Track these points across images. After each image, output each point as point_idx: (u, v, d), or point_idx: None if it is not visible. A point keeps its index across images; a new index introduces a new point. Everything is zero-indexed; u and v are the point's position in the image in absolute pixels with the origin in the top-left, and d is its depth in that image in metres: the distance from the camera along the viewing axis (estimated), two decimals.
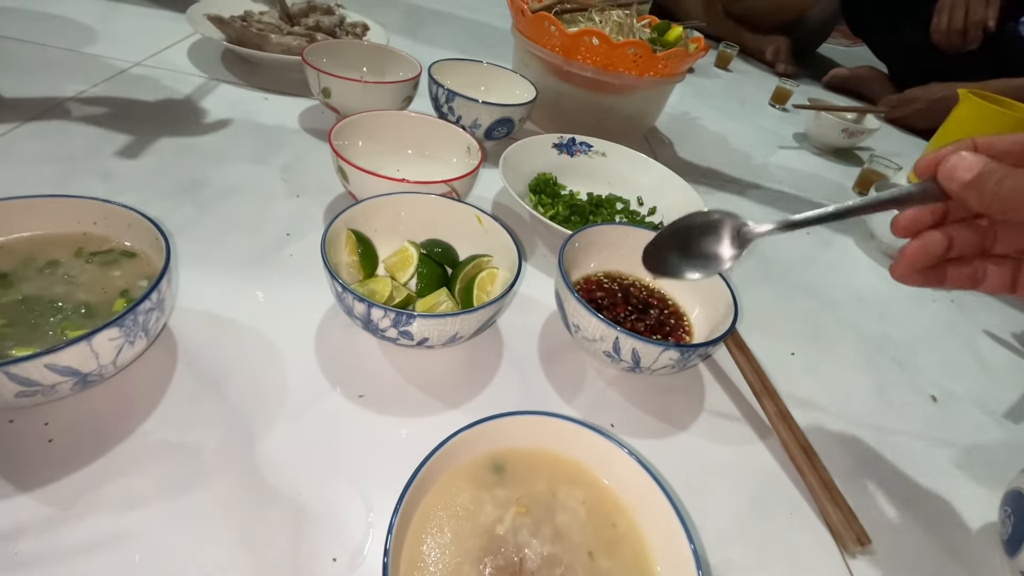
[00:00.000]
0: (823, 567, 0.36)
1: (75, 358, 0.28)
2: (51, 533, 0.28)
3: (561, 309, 0.43)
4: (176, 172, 0.54)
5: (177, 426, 0.34)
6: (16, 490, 0.29)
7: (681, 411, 0.44)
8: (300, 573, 0.29)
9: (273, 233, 0.50)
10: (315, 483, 0.33)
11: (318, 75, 0.61)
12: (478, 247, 0.46)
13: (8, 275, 0.33)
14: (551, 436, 0.31)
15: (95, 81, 0.64)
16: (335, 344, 0.41)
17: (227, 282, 0.44)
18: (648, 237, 0.35)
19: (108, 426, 0.33)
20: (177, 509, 0.30)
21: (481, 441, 0.30)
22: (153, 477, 0.31)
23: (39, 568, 0.27)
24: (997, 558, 0.39)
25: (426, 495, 0.28)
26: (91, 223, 0.37)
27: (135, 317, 0.30)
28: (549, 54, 0.72)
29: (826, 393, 0.49)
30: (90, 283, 0.35)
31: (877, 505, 0.41)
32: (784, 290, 0.62)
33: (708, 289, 0.46)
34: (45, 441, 0.31)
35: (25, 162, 0.50)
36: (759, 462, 0.42)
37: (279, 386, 0.38)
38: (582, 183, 0.66)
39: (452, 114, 0.65)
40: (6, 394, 0.27)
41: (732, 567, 0.34)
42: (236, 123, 0.64)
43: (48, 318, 0.32)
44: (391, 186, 0.46)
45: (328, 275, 0.36)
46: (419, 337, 0.36)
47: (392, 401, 0.38)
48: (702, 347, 0.38)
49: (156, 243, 0.35)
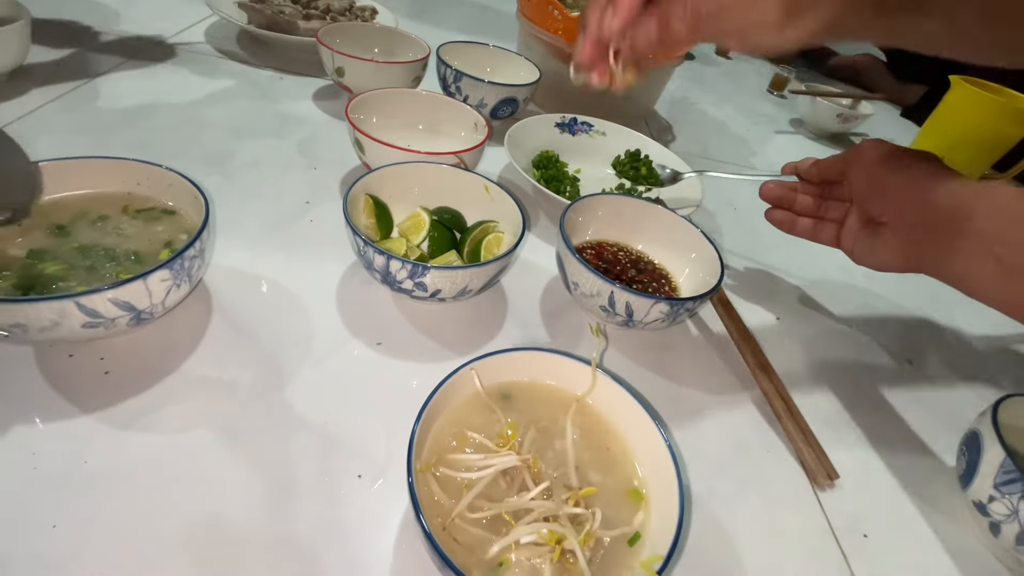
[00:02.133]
0: (796, 497, 0.40)
1: (133, 294, 0.32)
2: (113, 447, 0.32)
3: (562, 269, 0.46)
4: (202, 145, 0.58)
5: (215, 365, 0.38)
6: (80, 412, 0.33)
7: (671, 364, 0.47)
8: (330, 487, 0.33)
9: (293, 201, 0.54)
10: (340, 416, 0.37)
11: (332, 55, 0.64)
12: (485, 214, 0.50)
13: (65, 227, 0.37)
14: (555, 371, 0.35)
15: (120, 59, 0.67)
16: (354, 299, 0.45)
17: (254, 244, 0.48)
18: (643, 208, 0.38)
19: (155, 362, 0.37)
20: (219, 434, 0.34)
21: (491, 372, 0.34)
22: (197, 406, 0.35)
23: (104, 476, 0.31)
24: (953, 495, 0.43)
25: (440, 416, 0.32)
26: (135, 183, 0.40)
27: (182, 262, 0.34)
28: (552, 37, 0.75)
29: (807, 354, 0.53)
30: (137, 235, 0.38)
31: (848, 448, 0.45)
32: (771, 262, 0.65)
33: (695, 253, 0.50)
34: (102, 373, 0.35)
35: (62, 133, 0.54)
36: (742, 410, 0.45)
37: (304, 334, 0.41)
38: (583, 161, 0.70)
39: (459, 93, 0.69)
40: (74, 324, 0.31)
41: (714, 495, 0.38)
42: (254, 101, 0.67)
43: (103, 263, 0.36)
44: (405, 156, 0.50)
45: (350, 231, 0.40)
46: (432, 288, 0.40)
47: (407, 349, 0.42)
48: (690, 301, 0.42)
49: (195, 201, 0.39)
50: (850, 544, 0.38)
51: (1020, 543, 0.36)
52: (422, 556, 0.31)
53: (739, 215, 0.73)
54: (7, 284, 0.33)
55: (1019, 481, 0.35)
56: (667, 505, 0.29)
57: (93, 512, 0.29)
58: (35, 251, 0.35)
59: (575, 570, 0.27)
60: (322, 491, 0.32)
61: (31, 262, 0.34)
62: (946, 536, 0.40)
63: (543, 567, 0.27)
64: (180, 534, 0.29)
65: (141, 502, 0.30)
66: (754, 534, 0.37)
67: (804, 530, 0.38)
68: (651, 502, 0.31)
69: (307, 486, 0.32)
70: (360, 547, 0.30)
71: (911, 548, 0.39)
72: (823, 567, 0.36)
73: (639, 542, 0.29)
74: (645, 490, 0.31)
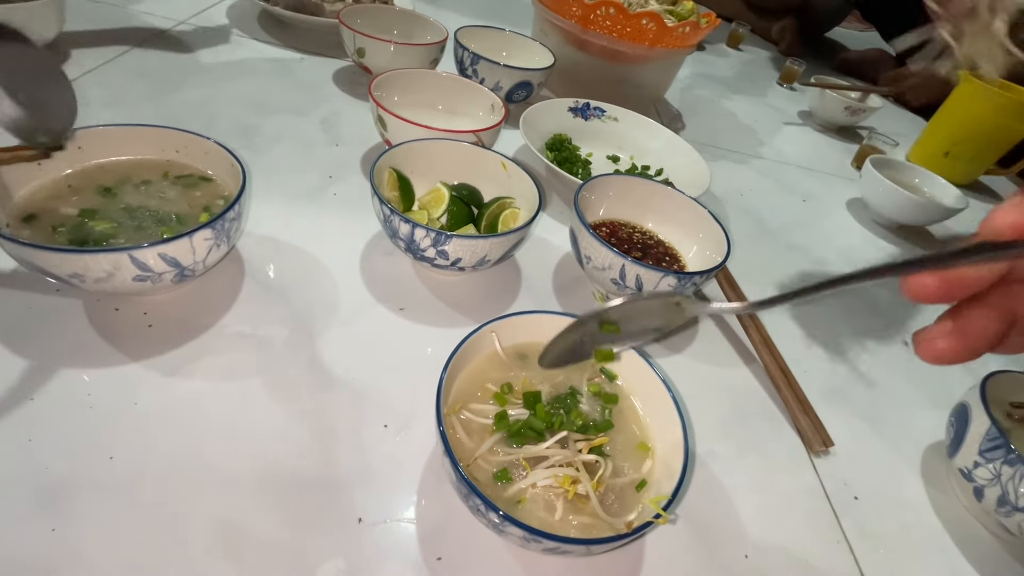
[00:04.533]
0: (791, 461, 0.42)
1: (179, 251, 0.34)
2: (160, 391, 0.34)
3: (575, 244, 0.48)
4: (228, 119, 0.60)
5: (250, 322, 0.40)
6: (128, 359, 0.36)
7: (678, 338, 0.50)
8: (358, 435, 0.35)
9: (317, 175, 0.56)
10: (366, 372, 0.39)
11: (354, 36, 0.66)
12: (501, 190, 0.52)
13: (112, 188, 0.39)
14: None
15: (146, 36, 0.69)
16: (377, 267, 0.47)
17: (282, 214, 0.50)
18: (653, 188, 0.40)
19: (194, 317, 0.39)
20: (256, 383, 0.36)
21: (509, 333, 0.36)
22: (235, 359, 0.38)
23: (153, 415, 0.33)
24: (941, 463, 0.45)
25: (462, 371, 0.34)
26: (174, 151, 0.43)
27: (223, 223, 0.36)
28: (567, 23, 0.76)
29: (807, 334, 0.55)
30: (177, 199, 0.41)
31: (844, 420, 0.47)
32: (777, 248, 0.67)
33: (703, 232, 0.52)
34: (146, 326, 0.38)
35: (96, 106, 0.56)
36: (743, 381, 0.48)
37: (331, 298, 0.44)
38: (594, 145, 0.72)
39: (476, 76, 0.70)
40: (126, 276, 0.33)
41: (715, 457, 0.41)
42: (277, 79, 0.69)
43: (149, 223, 0.38)
44: (426, 133, 0.52)
45: (377, 201, 0.42)
46: (454, 256, 0.42)
47: (427, 314, 0.45)
48: (697, 275, 0.44)
49: (231, 169, 0.41)
50: (841, 505, 0.40)
51: (1001, 505, 0.38)
52: (443, 496, 0.33)
53: (745, 201, 0.74)
54: (63, 239, 0.35)
55: (1003, 447, 0.38)
56: (673, 456, 0.32)
57: (145, 447, 0.32)
58: (86, 210, 0.37)
59: (587, 508, 0.29)
60: (352, 438, 0.35)
61: (83, 220, 0.37)
62: (933, 501, 0.43)
63: (557, 504, 0.30)
64: (225, 470, 0.32)
65: (188, 441, 0.33)
66: (751, 492, 0.39)
67: (798, 491, 0.41)
68: (657, 454, 0.33)
69: (338, 433, 0.35)
70: (388, 488, 0.33)
71: (898, 511, 0.42)
72: (815, 524, 0.39)
73: (645, 487, 0.32)
74: (651, 444, 0.34)
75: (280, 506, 0.31)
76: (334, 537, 0.30)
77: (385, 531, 0.31)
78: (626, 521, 0.27)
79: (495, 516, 0.26)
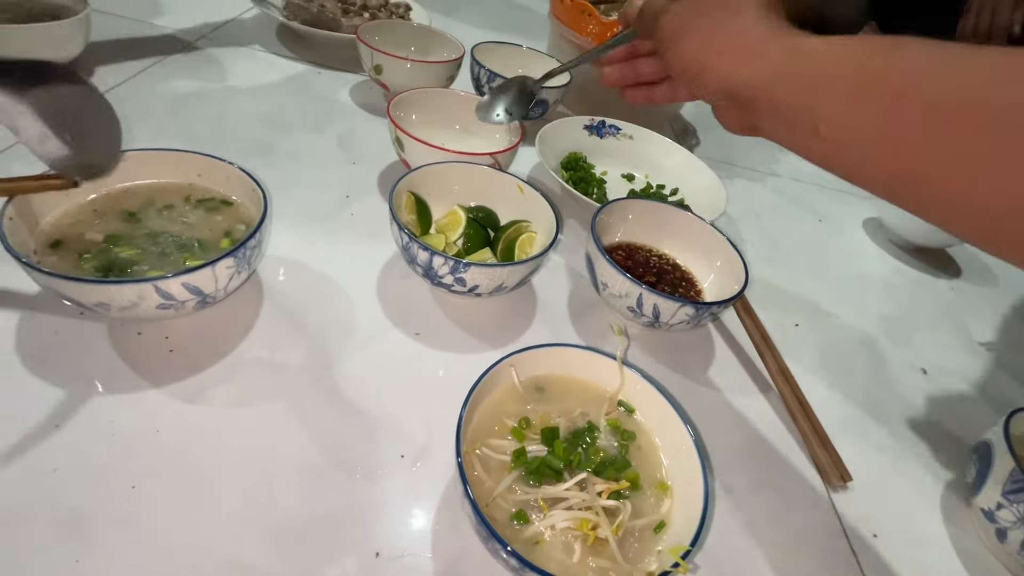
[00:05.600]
0: (809, 496, 0.42)
1: (202, 280, 0.34)
2: (180, 419, 0.35)
3: (591, 270, 0.48)
4: (246, 136, 0.60)
5: (268, 347, 0.40)
6: (150, 385, 0.36)
7: (693, 365, 0.49)
8: (375, 465, 0.35)
9: (334, 195, 0.56)
10: (383, 400, 0.39)
11: (372, 53, 0.67)
12: (518, 213, 0.52)
13: (136, 213, 0.40)
14: (585, 366, 0.37)
15: (164, 52, 0.70)
16: (393, 291, 0.48)
17: (299, 235, 0.50)
18: (672, 213, 0.40)
19: (214, 343, 0.40)
20: (273, 410, 0.37)
21: (527, 365, 0.36)
22: (252, 385, 0.38)
23: (174, 443, 0.34)
24: (962, 501, 0.45)
25: (479, 405, 0.34)
26: (196, 175, 0.43)
27: (244, 251, 0.36)
28: (584, 40, 0.76)
29: (824, 361, 0.55)
30: (199, 224, 0.41)
31: (861, 453, 0.46)
32: (792, 270, 0.67)
33: (720, 260, 0.52)
34: (167, 351, 0.38)
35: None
36: (759, 411, 0.47)
37: (348, 322, 0.44)
38: (610, 163, 0.72)
39: None
40: (151, 305, 0.33)
41: (730, 490, 0.41)
42: (294, 95, 0.70)
43: (172, 250, 0.38)
44: (444, 155, 0.52)
45: (396, 227, 0.42)
46: (471, 284, 0.42)
47: (443, 339, 0.45)
48: (715, 305, 0.44)
49: (252, 194, 0.41)
50: (860, 543, 0.40)
51: None
52: (460, 532, 0.33)
53: (761, 222, 0.74)
54: (89, 266, 0.36)
55: None
56: (691, 496, 0.32)
57: (166, 476, 0.32)
58: (111, 235, 0.38)
59: (606, 551, 0.29)
60: (369, 468, 0.35)
61: (108, 246, 0.37)
62: (953, 540, 0.42)
63: (575, 546, 0.29)
64: (243, 501, 0.32)
65: (207, 469, 0.33)
66: (767, 527, 0.39)
67: (816, 527, 0.40)
68: (675, 493, 0.33)
69: (356, 463, 0.35)
70: (405, 521, 0.33)
71: (919, 549, 0.41)
72: (834, 563, 0.38)
73: (664, 529, 0.31)
74: (670, 482, 0.34)
75: (299, 538, 0.31)
76: (351, 572, 0.30)
77: (402, 567, 0.31)
78: (647, 571, 0.27)
79: (515, 562, 0.26)
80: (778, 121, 0.28)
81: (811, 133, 0.26)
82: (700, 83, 0.32)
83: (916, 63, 0.23)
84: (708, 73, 0.31)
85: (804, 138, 0.27)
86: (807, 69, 0.26)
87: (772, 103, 0.28)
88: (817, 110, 0.26)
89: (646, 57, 0.41)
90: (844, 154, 0.26)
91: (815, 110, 0.26)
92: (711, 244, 0.53)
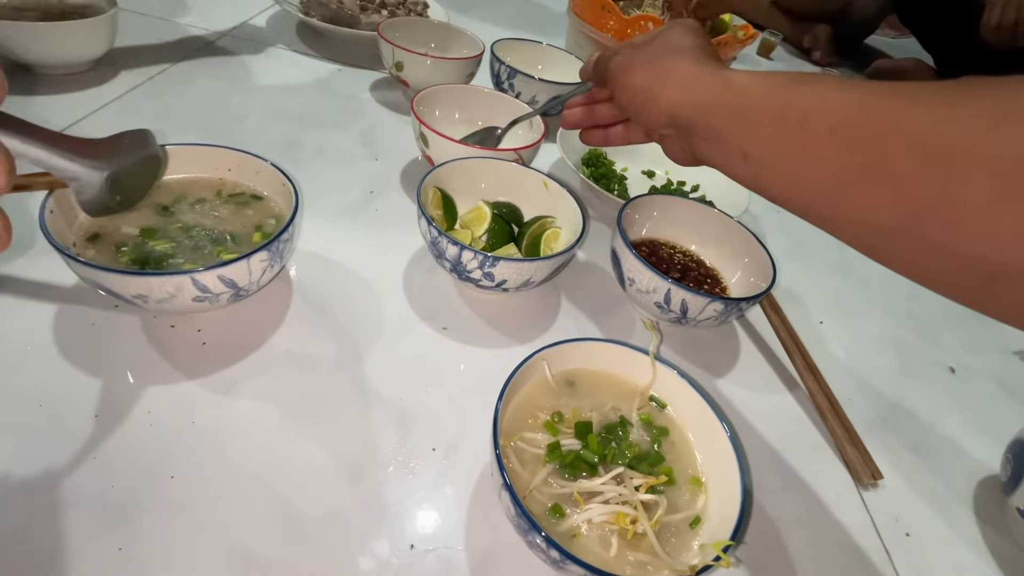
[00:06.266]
0: (840, 494, 0.42)
1: (237, 272, 0.35)
2: (216, 410, 0.35)
3: (617, 265, 0.48)
4: (272, 133, 0.61)
5: (299, 341, 0.41)
6: (185, 377, 0.36)
7: (719, 362, 0.49)
8: (406, 458, 0.36)
9: (359, 190, 0.56)
10: (413, 393, 0.39)
11: (393, 50, 0.67)
12: (542, 209, 0.52)
13: (169, 207, 0.40)
14: (616, 360, 0.37)
15: (191, 49, 0.71)
16: (420, 285, 0.48)
17: (326, 231, 0.50)
18: (697, 209, 0.40)
19: (246, 336, 0.40)
20: (307, 403, 0.37)
21: (558, 359, 0.36)
22: (285, 377, 0.38)
23: (210, 434, 0.34)
24: (995, 500, 0.44)
25: (512, 400, 0.34)
26: (226, 169, 0.44)
27: (277, 245, 0.37)
28: (603, 36, 0.76)
29: (851, 358, 0.54)
30: (230, 218, 0.41)
31: (891, 451, 0.46)
32: (815, 268, 0.66)
33: (748, 257, 0.51)
34: (200, 344, 0.39)
35: (145, 119, 0.58)
36: (787, 409, 0.47)
37: (376, 316, 0.44)
38: (630, 160, 0.71)
39: (512, 90, 0.71)
40: (187, 297, 0.34)
41: (762, 488, 0.40)
42: (316, 92, 0.70)
43: (205, 242, 0.39)
44: (469, 151, 0.52)
45: (425, 221, 0.42)
46: (499, 279, 0.42)
47: (470, 334, 0.45)
48: (744, 301, 0.43)
49: (282, 188, 0.42)
50: (893, 541, 0.39)
51: None
52: (492, 524, 0.33)
53: (783, 219, 0.73)
54: (126, 259, 0.36)
55: None
56: (726, 491, 0.31)
57: (203, 466, 0.32)
58: (146, 229, 0.38)
59: (643, 544, 0.29)
60: (403, 461, 0.35)
61: (144, 240, 0.38)
62: (987, 539, 0.41)
63: (612, 540, 0.29)
64: (279, 491, 0.32)
65: (243, 461, 0.33)
66: (799, 526, 0.38)
67: (848, 525, 0.40)
68: (710, 488, 0.33)
69: (389, 455, 0.35)
70: (439, 513, 0.33)
71: (953, 549, 0.40)
72: (867, 561, 0.38)
73: (699, 524, 0.31)
74: (705, 478, 0.33)
75: (333, 529, 0.31)
76: (386, 562, 0.31)
77: (437, 558, 0.31)
78: (690, 564, 0.27)
79: (556, 553, 0.25)
80: (713, 145, 0.31)
81: (740, 156, 0.29)
82: (647, 112, 0.35)
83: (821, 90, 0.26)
84: (653, 102, 0.34)
85: (734, 161, 0.30)
86: (735, 98, 0.30)
87: (707, 128, 0.31)
88: (743, 134, 0.29)
89: (603, 103, 0.44)
90: (766, 175, 0.28)
91: (741, 134, 0.29)
92: (737, 240, 0.52)
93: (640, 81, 0.35)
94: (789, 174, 0.27)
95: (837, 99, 0.25)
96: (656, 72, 0.34)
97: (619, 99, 0.38)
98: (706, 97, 0.31)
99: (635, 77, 0.36)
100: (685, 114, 0.32)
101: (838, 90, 0.25)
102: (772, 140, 0.27)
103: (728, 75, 0.31)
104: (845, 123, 0.24)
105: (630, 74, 0.36)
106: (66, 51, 0.57)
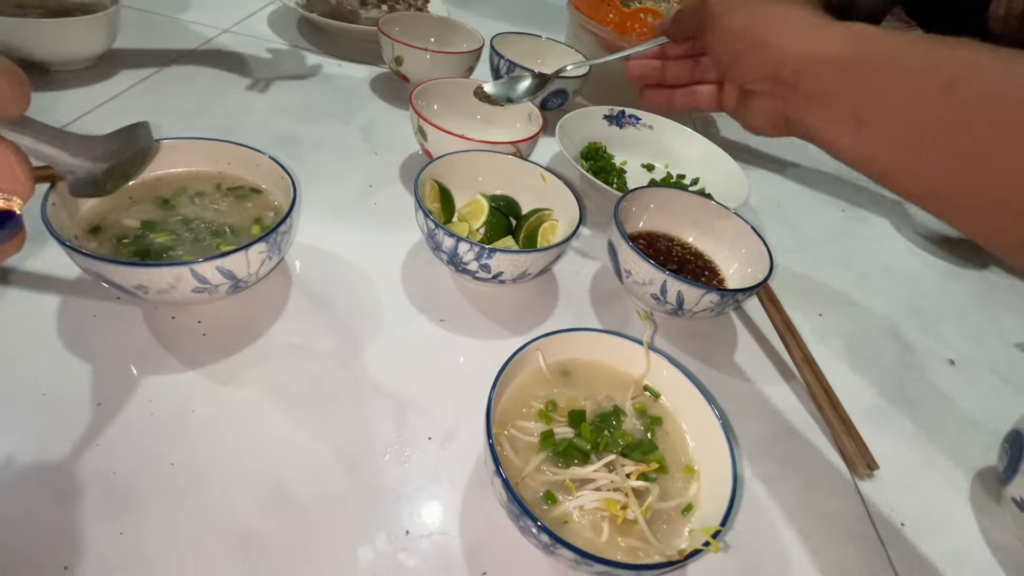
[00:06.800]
0: (835, 483, 0.42)
1: (235, 264, 0.35)
2: (215, 400, 0.36)
3: (614, 257, 0.48)
4: (271, 128, 0.61)
5: (298, 333, 0.41)
6: (185, 367, 0.37)
7: (716, 354, 0.49)
8: (403, 446, 0.36)
9: (358, 184, 0.57)
10: (410, 384, 0.40)
11: (393, 44, 0.67)
12: (539, 202, 0.52)
13: (169, 200, 0.41)
14: (611, 351, 0.37)
15: (192, 45, 0.71)
16: (417, 278, 0.48)
17: (325, 223, 0.51)
18: (694, 201, 0.40)
19: (245, 327, 0.40)
20: (306, 394, 0.37)
21: (553, 350, 0.36)
22: (284, 367, 0.39)
23: (210, 422, 0.34)
24: (992, 491, 0.44)
25: (507, 389, 0.35)
26: (226, 163, 0.44)
27: (275, 237, 0.37)
28: (603, 29, 0.76)
29: (849, 350, 0.54)
30: (229, 211, 0.42)
31: (888, 441, 0.46)
32: (815, 260, 0.66)
33: (745, 248, 0.51)
34: (200, 335, 0.39)
35: (147, 114, 0.58)
36: (783, 400, 0.47)
37: (374, 308, 0.45)
38: (629, 153, 0.71)
39: None
40: (186, 288, 0.34)
41: (756, 477, 0.40)
42: (316, 87, 0.71)
43: (204, 234, 0.39)
44: (467, 144, 0.52)
45: (422, 214, 0.42)
46: (496, 270, 0.42)
47: (467, 326, 0.45)
48: (739, 292, 0.43)
49: (281, 181, 0.42)
50: (888, 531, 0.40)
51: None
52: (487, 511, 0.34)
53: (783, 212, 0.73)
54: (127, 251, 0.37)
55: None
56: (718, 479, 0.32)
57: (203, 454, 0.33)
58: (147, 222, 0.39)
59: (634, 530, 0.29)
60: (397, 449, 0.36)
61: (144, 232, 0.38)
62: (983, 529, 0.41)
63: (603, 526, 0.30)
64: (276, 479, 0.33)
65: (242, 449, 0.34)
66: (794, 515, 0.39)
67: (842, 514, 0.40)
68: (703, 476, 0.33)
69: (386, 445, 0.36)
70: (434, 501, 0.34)
71: (948, 538, 0.40)
72: (861, 550, 0.38)
73: (691, 511, 0.31)
74: (697, 466, 0.34)
75: (330, 517, 0.32)
76: (383, 548, 0.31)
77: (431, 544, 0.32)
78: (679, 549, 0.27)
79: (547, 538, 0.26)
80: (819, 106, 0.28)
81: (852, 121, 0.26)
82: (746, 59, 0.31)
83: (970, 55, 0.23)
84: (756, 49, 0.30)
85: (843, 127, 0.27)
86: (865, 51, 0.26)
87: (818, 85, 0.27)
88: (865, 95, 0.25)
89: (674, 60, 0.40)
90: (881, 146, 0.25)
91: (862, 95, 0.25)
92: (735, 232, 0.52)
93: (741, 22, 0.31)
94: (916, 145, 0.23)
95: (989, 67, 0.22)
96: (762, 16, 0.30)
97: (711, 43, 0.33)
98: (830, 47, 0.27)
99: (736, 19, 0.31)
100: (795, 67, 0.28)
101: (991, 58, 0.22)
102: (904, 105, 0.23)
103: (852, 26, 0.27)
104: (999, 96, 0.21)
105: (729, 15, 0.32)
106: (68, 47, 0.58)
